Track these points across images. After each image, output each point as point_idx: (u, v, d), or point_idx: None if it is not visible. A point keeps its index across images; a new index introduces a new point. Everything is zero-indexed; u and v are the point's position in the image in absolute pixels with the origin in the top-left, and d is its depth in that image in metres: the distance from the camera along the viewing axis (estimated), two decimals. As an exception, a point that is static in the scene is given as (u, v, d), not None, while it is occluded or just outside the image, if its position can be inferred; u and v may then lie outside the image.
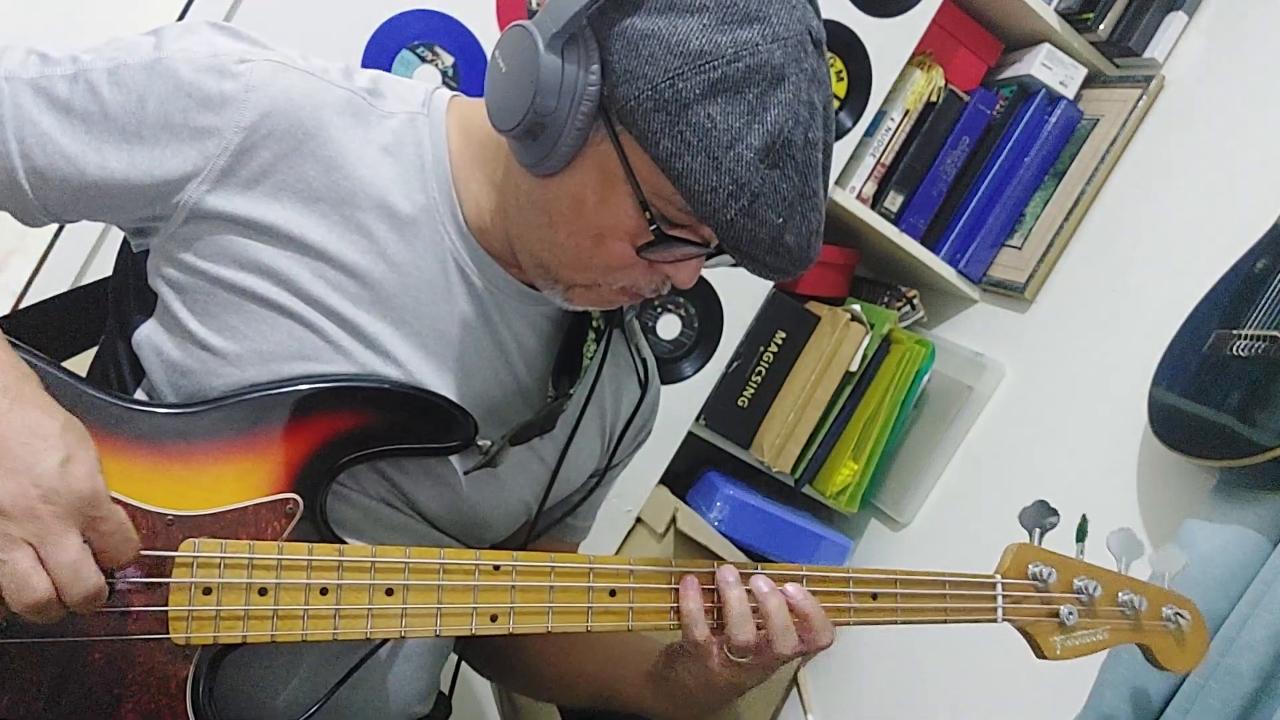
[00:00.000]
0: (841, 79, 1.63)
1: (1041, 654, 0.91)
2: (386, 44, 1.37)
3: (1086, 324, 1.56)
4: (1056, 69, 1.73)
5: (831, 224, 0.87)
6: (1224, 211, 1.41)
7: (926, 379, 1.71)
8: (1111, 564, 0.95)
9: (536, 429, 0.88)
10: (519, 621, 0.78)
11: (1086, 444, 1.43)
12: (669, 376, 1.64)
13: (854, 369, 1.69)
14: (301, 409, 0.78)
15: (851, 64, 1.62)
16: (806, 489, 1.77)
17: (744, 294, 1.65)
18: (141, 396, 0.83)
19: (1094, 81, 1.77)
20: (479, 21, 1.41)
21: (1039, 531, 0.93)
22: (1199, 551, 1.10)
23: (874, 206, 1.74)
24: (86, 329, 0.97)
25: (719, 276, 1.63)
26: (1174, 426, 1.22)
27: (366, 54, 1.37)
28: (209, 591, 0.72)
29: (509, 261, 0.85)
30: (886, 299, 1.84)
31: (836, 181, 1.71)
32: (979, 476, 1.61)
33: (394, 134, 0.82)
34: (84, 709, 0.71)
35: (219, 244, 0.78)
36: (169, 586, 0.71)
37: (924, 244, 1.76)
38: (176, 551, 0.72)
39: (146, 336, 0.81)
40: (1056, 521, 0.92)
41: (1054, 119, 1.72)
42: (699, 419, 1.69)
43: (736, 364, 1.70)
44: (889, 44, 1.61)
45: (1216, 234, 1.36)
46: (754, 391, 1.72)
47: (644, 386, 1.00)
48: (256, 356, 0.79)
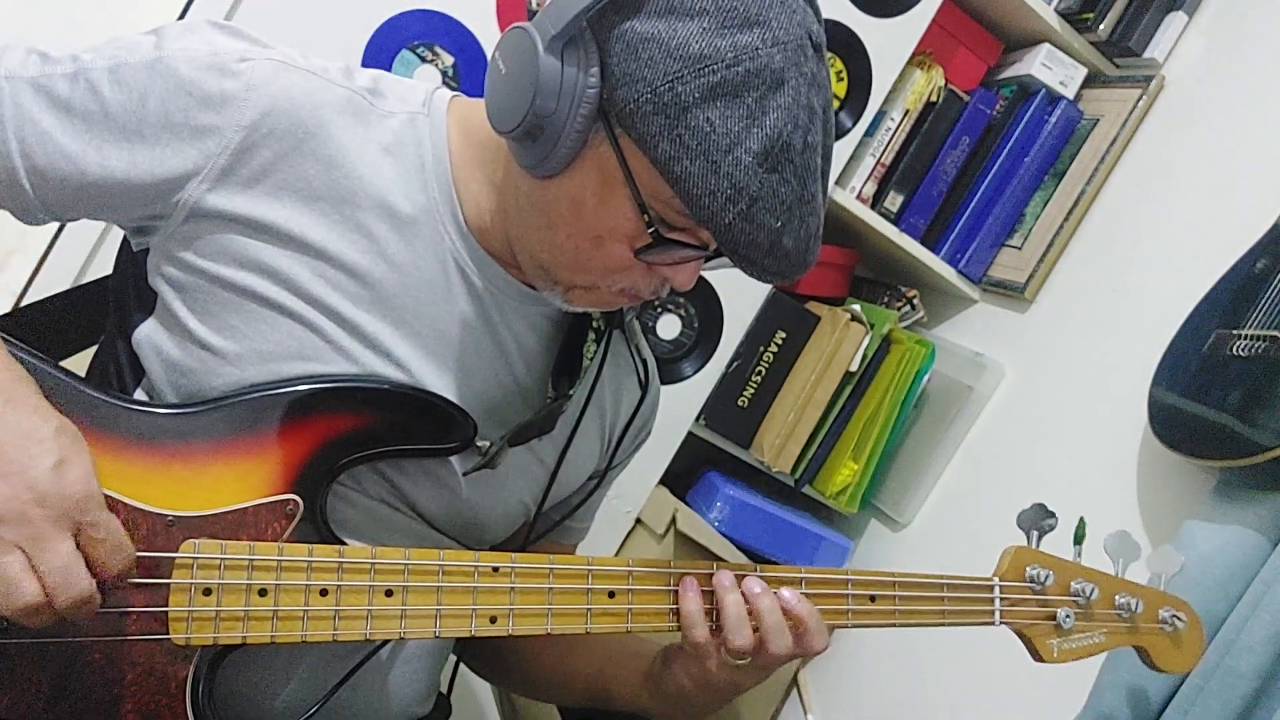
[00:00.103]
0: (841, 79, 1.63)
1: (1039, 657, 0.91)
2: (386, 44, 1.37)
3: (1086, 324, 1.56)
4: (1056, 69, 1.73)
5: (831, 224, 0.87)
6: (1224, 211, 1.40)
7: (926, 379, 1.70)
8: (1109, 566, 0.95)
9: (535, 430, 0.88)
10: (518, 623, 0.78)
11: (1086, 444, 1.43)
12: (669, 376, 1.63)
13: (854, 369, 1.68)
14: (301, 409, 0.78)
15: (851, 64, 1.62)
16: (806, 489, 1.77)
17: (744, 294, 1.65)
18: (141, 396, 0.83)
19: (1094, 81, 1.76)
20: (479, 21, 1.41)
21: (1037, 534, 0.92)
22: (1199, 552, 1.10)
23: (874, 206, 1.73)
24: (86, 328, 0.97)
25: (719, 277, 1.62)
26: (1174, 426, 1.22)
27: (366, 54, 1.37)
28: (209, 592, 0.72)
29: (509, 262, 0.85)
30: (886, 299, 1.84)
31: (836, 181, 1.71)
32: (979, 476, 1.61)
33: (394, 134, 0.82)
34: (84, 709, 0.71)
35: (219, 243, 0.78)
36: (169, 587, 0.71)
37: (924, 244, 1.76)
38: (177, 552, 0.72)
39: (146, 335, 0.81)
40: (1054, 524, 0.92)
41: (1054, 119, 1.72)
42: (699, 419, 1.69)
43: (736, 364, 1.69)
44: (889, 44, 1.61)
45: (1216, 234, 1.36)
46: (754, 391, 1.72)
47: (644, 387, 1.00)
48: (256, 356, 0.79)
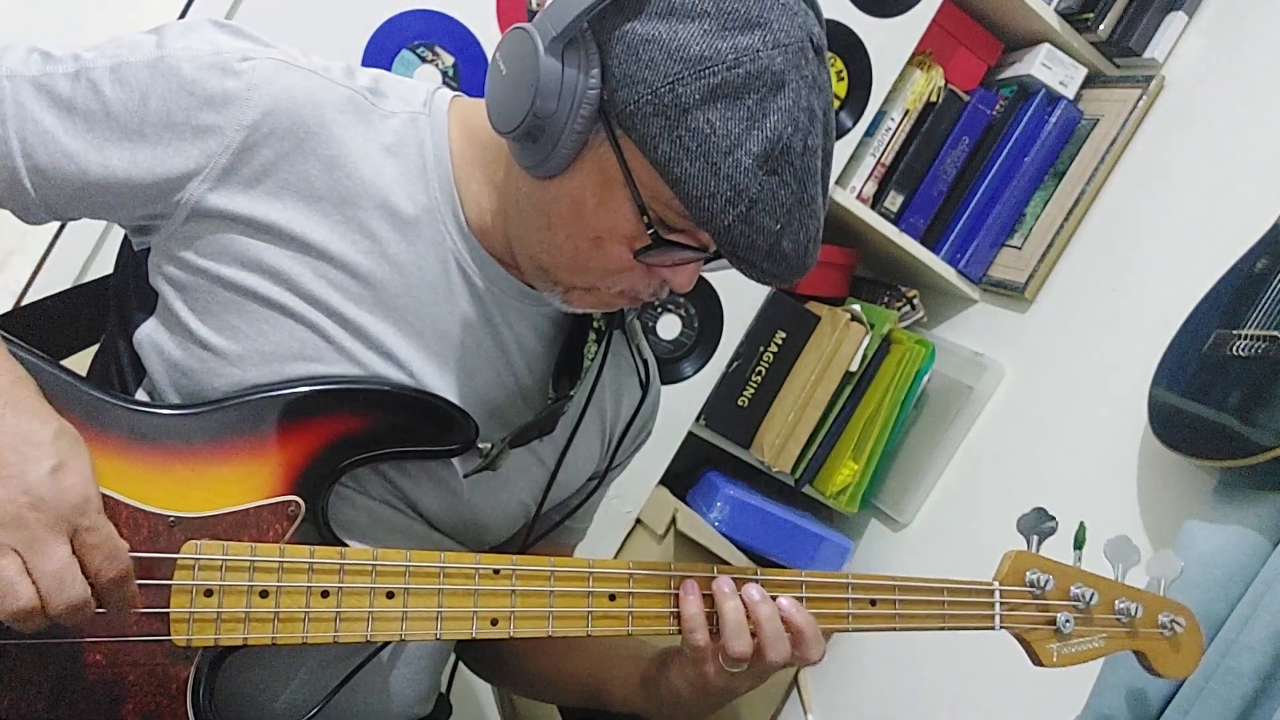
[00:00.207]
0: (841, 79, 1.63)
1: (1039, 662, 0.91)
2: (386, 44, 1.37)
3: (1086, 324, 1.56)
4: (1056, 69, 1.73)
5: (831, 224, 0.87)
6: (1224, 211, 1.40)
7: (926, 379, 1.70)
8: (1109, 571, 0.95)
9: (537, 431, 0.88)
10: (519, 625, 0.78)
11: (1086, 444, 1.43)
12: (669, 376, 1.63)
13: (854, 369, 1.68)
14: (303, 411, 0.78)
15: (851, 64, 1.62)
16: (806, 489, 1.77)
17: (744, 294, 1.65)
18: (143, 396, 0.82)
19: (1094, 81, 1.76)
20: (479, 21, 1.41)
21: (1037, 538, 0.92)
22: (1199, 552, 1.10)
23: (874, 206, 1.73)
24: (87, 327, 0.97)
25: (719, 277, 1.62)
26: (1174, 426, 1.22)
27: (366, 54, 1.36)
28: (210, 594, 0.72)
29: (510, 262, 0.85)
30: (886, 299, 1.84)
31: (837, 181, 1.71)
32: (979, 476, 1.61)
33: (396, 134, 0.82)
34: (85, 710, 0.71)
35: (220, 243, 0.78)
36: (170, 588, 0.71)
37: (924, 244, 1.76)
38: (178, 554, 0.72)
39: (148, 335, 0.81)
40: (1054, 528, 0.92)
41: (1054, 119, 1.72)
42: (699, 419, 1.69)
43: (736, 364, 1.69)
44: (889, 44, 1.61)
45: (1216, 234, 1.36)
46: (754, 391, 1.72)
47: (645, 388, 0.99)
48: (258, 356, 0.78)
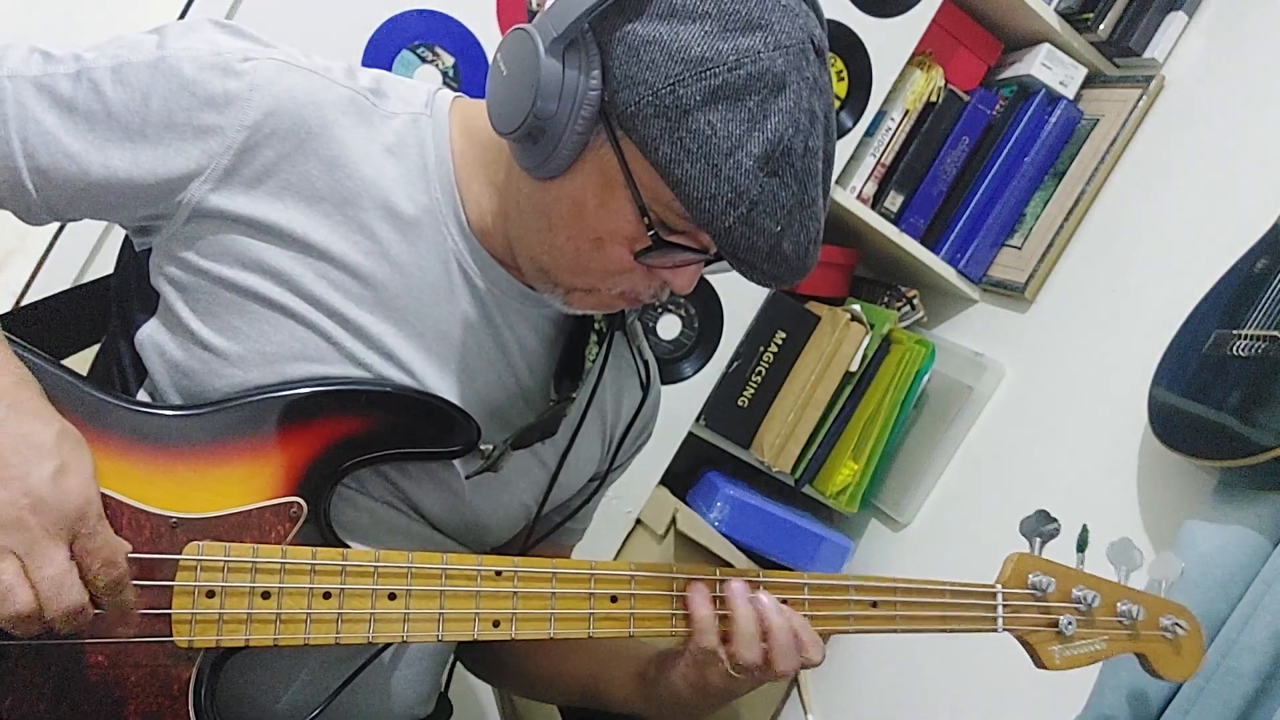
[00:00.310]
0: (841, 79, 1.63)
1: (1041, 664, 0.91)
2: (386, 44, 1.37)
3: (1086, 324, 1.56)
4: (1056, 69, 1.73)
5: (831, 224, 0.87)
6: (1224, 211, 1.41)
7: (926, 379, 1.71)
8: (1111, 573, 0.94)
9: (538, 433, 0.88)
10: (521, 627, 0.78)
11: (1086, 444, 1.43)
12: (669, 376, 1.63)
13: (854, 369, 1.68)
14: (305, 412, 0.78)
15: (851, 64, 1.62)
16: (806, 489, 1.77)
17: (744, 294, 1.65)
18: (144, 397, 0.82)
19: (1094, 81, 1.76)
20: (479, 22, 1.41)
21: (1039, 540, 0.92)
22: (1199, 552, 1.11)
23: (874, 206, 1.74)
24: (87, 327, 0.97)
25: (719, 277, 1.62)
26: (1174, 426, 1.22)
27: (366, 54, 1.36)
28: (212, 595, 0.72)
29: (510, 263, 0.85)
30: (886, 299, 1.84)
31: (837, 181, 1.71)
32: (979, 476, 1.61)
33: (397, 134, 0.82)
34: (86, 711, 0.71)
35: (221, 243, 0.78)
36: (172, 589, 0.71)
37: (924, 244, 1.76)
38: (180, 555, 0.72)
39: (149, 336, 0.81)
40: (1057, 530, 0.92)
41: (1054, 119, 1.72)
42: (699, 419, 1.69)
43: (736, 364, 1.69)
44: (889, 44, 1.61)
45: (1216, 234, 1.36)
46: (754, 391, 1.72)
47: (645, 389, 0.99)
48: (259, 357, 0.78)
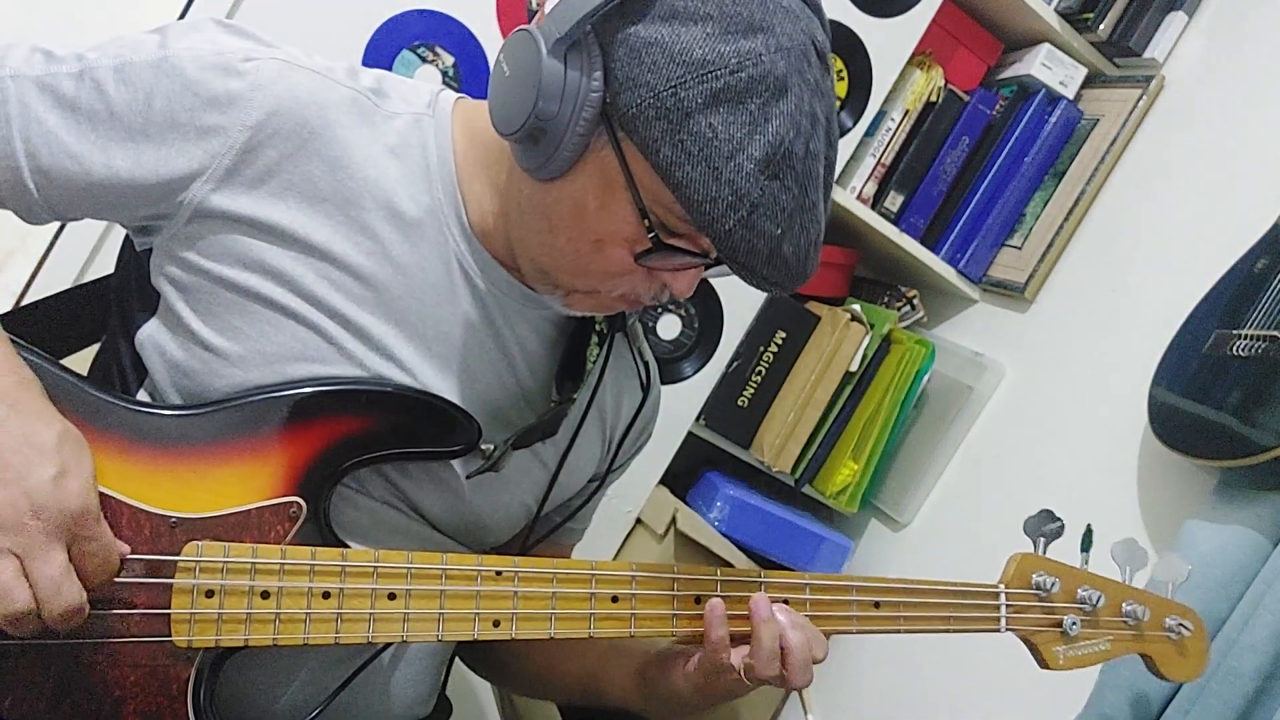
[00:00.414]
0: (841, 79, 1.63)
1: (1045, 664, 0.91)
2: (387, 44, 1.37)
3: (1086, 324, 1.56)
4: (1056, 69, 1.73)
5: (831, 224, 0.87)
6: (1224, 211, 1.41)
7: (926, 379, 1.71)
8: (1115, 574, 0.94)
9: (539, 433, 0.88)
10: (521, 627, 0.78)
11: (1086, 444, 1.43)
12: (669, 376, 1.63)
13: (854, 369, 1.69)
14: (305, 412, 0.78)
15: (851, 64, 1.62)
16: (806, 489, 1.77)
17: (744, 294, 1.65)
18: (144, 397, 0.82)
19: (1094, 81, 1.77)
20: (479, 22, 1.41)
21: (1043, 540, 0.92)
22: (1199, 552, 1.11)
23: (874, 206, 1.74)
24: (87, 327, 0.97)
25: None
26: (1174, 426, 1.22)
27: (366, 54, 1.36)
28: (212, 594, 0.72)
29: (511, 264, 0.85)
30: (886, 299, 1.84)
31: (837, 181, 1.70)
32: (979, 476, 1.61)
33: (399, 135, 0.82)
34: (86, 710, 0.71)
35: (223, 243, 0.77)
36: (172, 589, 0.71)
37: (924, 244, 1.76)
38: (180, 554, 0.72)
39: (149, 336, 0.80)
40: (1060, 530, 0.91)
41: (1054, 119, 1.72)
42: (699, 419, 1.69)
43: (736, 364, 1.69)
44: (889, 44, 1.61)
45: (1216, 234, 1.36)
46: (754, 391, 1.72)
47: (645, 390, 0.99)
48: (260, 358, 0.78)
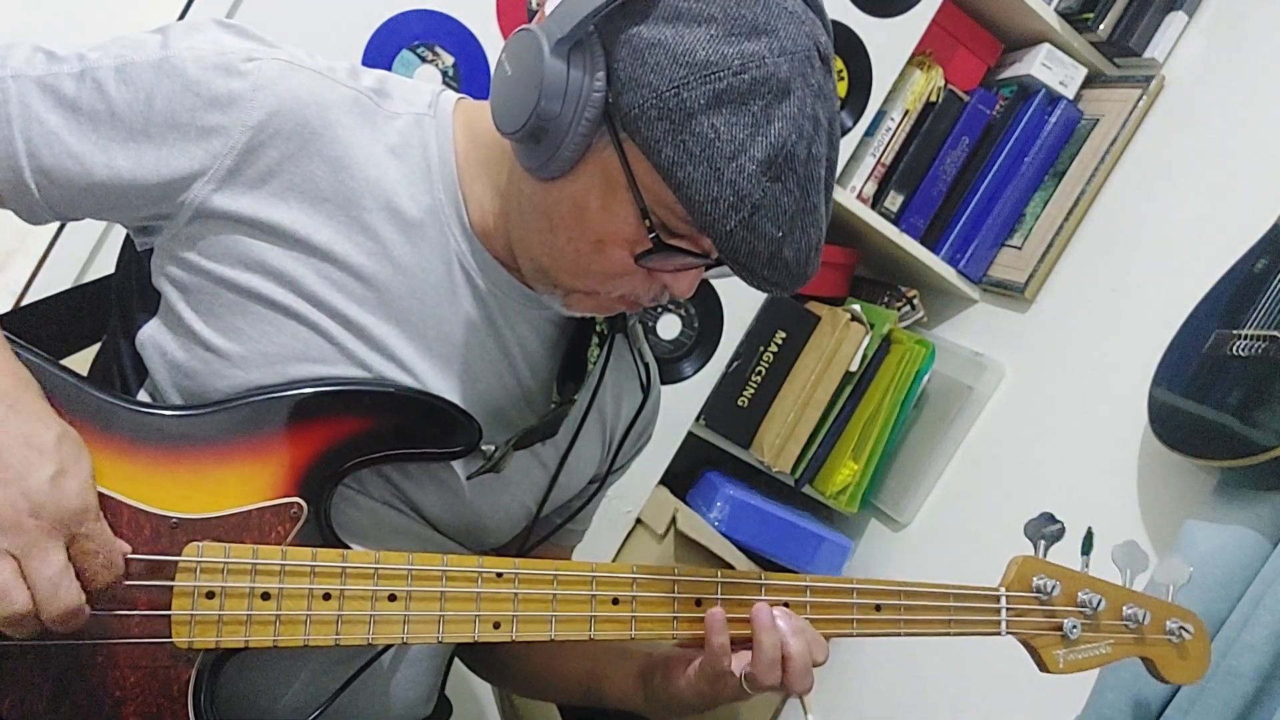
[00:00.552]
0: (842, 79, 1.63)
1: (1045, 668, 0.91)
2: (386, 44, 1.37)
3: (1086, 324, 1.56)
4: (1056, 69, 1.73)
5: (832, 224, 0.87)
6: (1224, 211, 1.41)
7: (926, 379, 1.71)
8: (1116, 577, 0.94)
9: (540, 434, 0.87)
10: (522, 629, 0.78)
11: (1086, 444, 1.43)
12: (669, 376, 1.63)
13: (854, 369, 1.69)
14: (306, 412, 0.77)
15: (851, 64, 1.62)
16: (806, 489, 1.77)
17: (744, 294, 1.65)
18: (145, 397, 0.82)
19: (1094, 81, 1.77)
20: (479, 22, 1.41)
21: (1044, 543, 0.92)
22: (1199, 552, 1.11)
23: (874, 206, 1.74)
24: (88, 327, 0.97)
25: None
26: (1174, 426, 1.22)
27: (366, 54, 1.36)
28: (212, 596, 0.72)
29: (512, 265, 0.84)
30: (886, 299, 1.84)
31: (837, 181, 1.70)
32: (979, 476, 1.62)
33: (400, 135, 0.82)
34: (86, 711, 0.70)
35: (224, 244, 0.77)
36: (172, 590, 0.71)
37: (924, 244, 1.76)
38: (180, 555, 0.72)
39: (150, 336, 0.80)
40: (1061, 532, 0.91)
41: (1054, 119, 1.72)
42: (699, 419, 1.69)
43: (736, 364, 1.69)
44: (889, 44, 1.61)
45: (1216, 234, 1.36)
46: (754, 391, 1.72)
47: (645, 391, 0.99)
48: (261, 358, 0.78)
